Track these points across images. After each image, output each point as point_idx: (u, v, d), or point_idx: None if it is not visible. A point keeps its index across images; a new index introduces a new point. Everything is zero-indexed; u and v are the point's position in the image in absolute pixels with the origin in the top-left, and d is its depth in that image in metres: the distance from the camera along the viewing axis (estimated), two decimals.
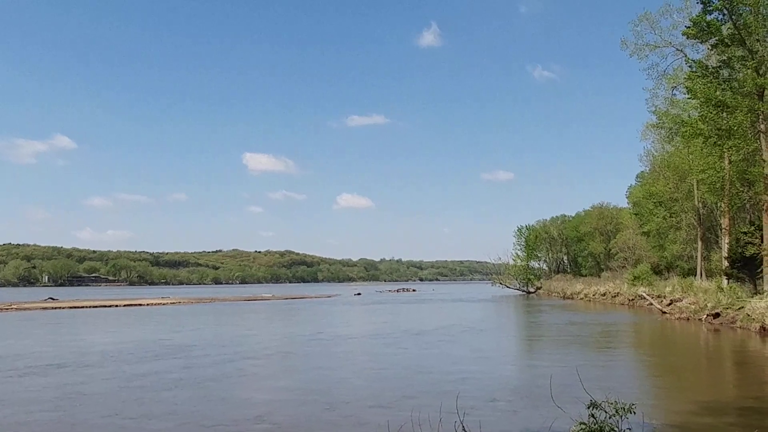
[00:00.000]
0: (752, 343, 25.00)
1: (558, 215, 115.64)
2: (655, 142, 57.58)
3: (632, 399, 13.00)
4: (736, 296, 33.69)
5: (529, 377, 17.62)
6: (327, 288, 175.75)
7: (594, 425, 3.52)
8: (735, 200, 41.45)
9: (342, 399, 14.50)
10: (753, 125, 33.37)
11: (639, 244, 71.94)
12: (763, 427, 10.20)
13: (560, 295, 78.10)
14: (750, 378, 17.57)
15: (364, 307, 62.40)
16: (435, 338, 28.27)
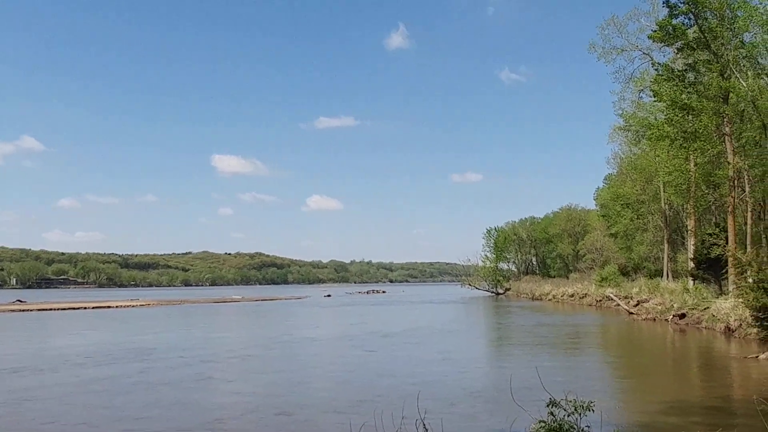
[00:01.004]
0: (717, 344, 25.23)
1: (527, 217, 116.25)
2: (622, 144, 58.12)
3: (598, 400, 12.94)
4: (702, 297, 34.05)
5: (494, 379, 17.43)
6: (297, 290, 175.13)
7: (553, 423, 3.35)
8: (700, 202, 41.94)
9: (298, 403, 14.18)
10: (718, 128, 33.75)
11: (607, 246, 72.62)
12: (727, 426, 10.12)
13: (529, 297, 78.58)
14: (715, 378, 17.64)
15: (333, 309, 62.08)
16: (402, 340, 28.05)
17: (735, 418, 11.61)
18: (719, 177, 36.17)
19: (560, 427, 3.39)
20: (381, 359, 21.96)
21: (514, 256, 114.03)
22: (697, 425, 10.81)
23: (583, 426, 3.45)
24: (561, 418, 3.45)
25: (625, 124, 48.87)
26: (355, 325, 39.28)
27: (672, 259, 50.95)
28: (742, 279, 24.65)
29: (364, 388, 15.89)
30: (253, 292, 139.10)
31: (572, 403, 3.46)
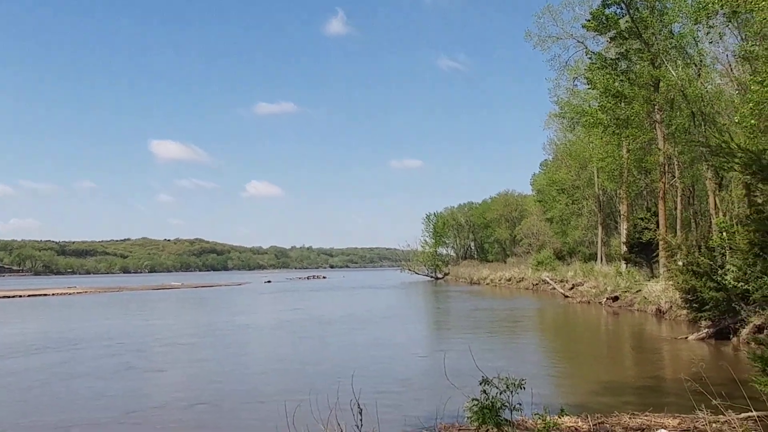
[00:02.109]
0: (649, 325, 26.09)
1: (465, 202, 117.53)
2: (557, 131, 59.24)
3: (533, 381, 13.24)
4: (634, 280, 35.10)
5: (430, 363, 17.45)
6: (237, 276, 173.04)
7: (486, 401, 3.43)
8: (633, 187, 43.16)
9: (229, 390, 14.02)
10: (649, 115, 34.74)
11: (543, 231, 74.03)
12: (658, 405, 10.49)
13: (467, 281, 79.58)
14: (646, 359, 18.23)
15: (273, 295, 61.61)
16: (340, 326, 28.00)
17: (665, 397, 12.02)
18: (650, 163, 37.32)
19: (492, 404, 3.47)
20: (317, 345, 21.86)
21: (453, 241, 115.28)
22: (628, 405, 11.14)
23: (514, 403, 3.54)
24: (493, 395, 3.53)
25: (560, 111, 49.77)
26: (293, 311, 39.01)
27: (605, 243, 52.38)
28: (672, 262, 25.52)
29: (299, 374, 15.81)
30: (192, 279, 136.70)
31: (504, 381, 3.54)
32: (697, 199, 40.12)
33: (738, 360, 15.98)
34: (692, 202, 39.54)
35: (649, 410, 10.38)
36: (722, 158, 2.34)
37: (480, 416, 3.42)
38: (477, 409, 3.44)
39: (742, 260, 17.86)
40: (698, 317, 21.11)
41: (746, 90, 21.81)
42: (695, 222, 39.24)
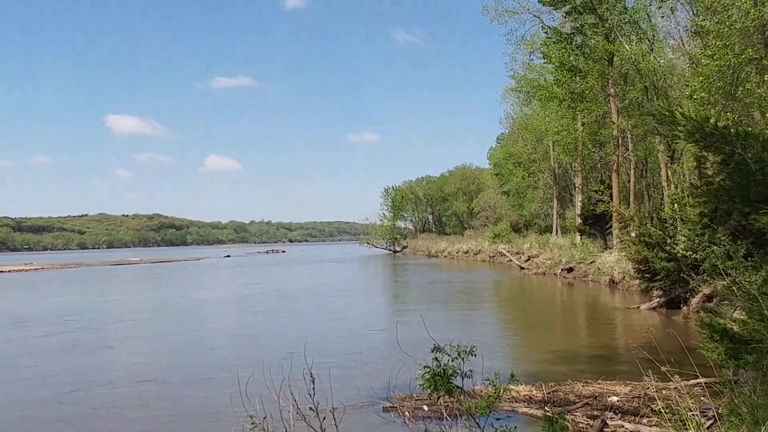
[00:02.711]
0: (602, 296, 26.65)
1: (423, 176, 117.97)
2: (514, 105, 59.51)
3: (489, 351, 13.48)
4: (588, 251, 35.74)
5: (386, 335, 17.36)
6: (196, 251, 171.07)
7: (437, 368, 3.46)
8: (587, 160, 43.72)
9: (182, 364, 13.93)
10: (603, 89, 35.13)
11: (499, 203, 74.69)
12: (610, 373, 10.76)
13: (425, 254, 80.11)
14: (600, 328, 18.64)
15: (232, 270, 61.12)
16: (297, 300, 27.92)
17: (617, 365, 12.32)
18: (604, 136, 37.81)
19: (444, 371, 3.50)
20: (273, 319, 21.78)
21: (411, 214, 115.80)
22: (582, 373, 11.39)
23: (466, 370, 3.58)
24: (445, 363, 3.57)
25: (517, 85, 50.09)
26: (251, 285, 38.77)
27: (561, 216, 53.13)
28: (625, 233, 26.06)
29: (253, 348, 15.69)
30: (151, 254, 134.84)
31: (455, 348, 3.58)
32: (650, 172, 40.91)
33: (688, 328, 16.43)
34: (645, 175, 40.29)
35: (602, 378, 10.64)
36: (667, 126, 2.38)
37: (432, 383, 3.44)
38: (429, 377, 3.46)
39: (692, 231, 18.30)
40: (650, 287, 21.60)
41: (697, 64, 22.17)
42: (648, 194, 40.05)
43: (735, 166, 2.30)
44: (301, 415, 3.89)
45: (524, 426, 8.20)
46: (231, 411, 4.17)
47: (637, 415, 8.60)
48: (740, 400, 6.37)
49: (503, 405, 9.58)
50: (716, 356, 6.49)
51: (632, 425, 8.37)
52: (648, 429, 7.93)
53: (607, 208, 33.94)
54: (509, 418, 8.82)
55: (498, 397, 3.53)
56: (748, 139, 2.27)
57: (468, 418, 3.70)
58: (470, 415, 3.58)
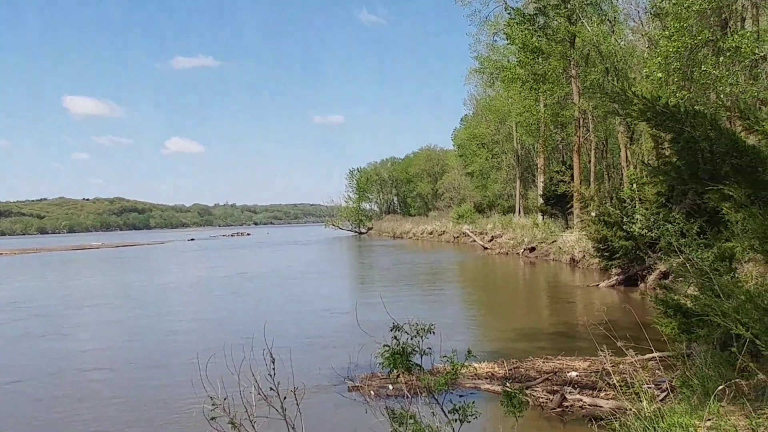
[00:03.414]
0: (563, 274, 27.08)
1: (388, 158, 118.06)
2: (477, 86, 59.74)
3: (452, 330, 13.65)
4: (550, 231, 36.23)
5: (350, 317, 17.42)
6: (160, 235, 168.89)
7: (397, 347, 3.52)
8: (549, 141, 44.19)
9: (126, 355, 13.56)
10: (565, 71, 35.45)
11: (463, 185, 75.14)
12: (569, 349, 10.98)
13: (390, 235, 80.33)
14: (560, 306, 18.97)
15: (196, 253, 60.62)
16: (261, 283, 27.75)
17: (577, 341, 12.54)
18: (566, 117, 38.25)
19: (403, 349, 3.56)
20: (236, 302, 21.65)
21: (376, 196, 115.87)
22: (543, 350, 11.60)
23: (430, 350, 3.64)
24: (404, 341, 3.62)
25: (480, 66, 50.25)
26: (215, 268, 38.54)
27: (523, 196, 53.70)
28: (586, 213, 26.49)
29: (215, 331, 15.52)
30: (113, 238, 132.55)
31: (414, 326, 3.64)
32: (610, 153, 41.55)
33: (644, 305, 16.78)
34: (605, 156, 40.92)
35: (562, 354, 10.86)
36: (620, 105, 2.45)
37: (391, 361, 3.49)
38: (388, 355, 3.51)
39: (649, 210, 18.67)
40: (609, 265, 22.03)
41: (656, 45, 22.50)
42: (608, 175, 40.70)
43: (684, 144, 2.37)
44: (262, 395, 3.91)
45: (486, 402, 8.34)
46: (193, 394, 4.16)
47: (594, 389, 8.81)
48: (692, 372, 6.57)
49: (466, 382, 9.73)
50: (670, 331, 6.68)
51: (590, 399, 8.58)
52: (605, 402, 8.14)
53: (568, 188, 34.38)
54: (472, 394, 8.97)
55: (456, 374, 3.59)
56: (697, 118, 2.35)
57: (428, 395, 3.76)
58: (430, 391, 3.64)
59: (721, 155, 2.33)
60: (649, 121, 2.54)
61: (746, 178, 2.31)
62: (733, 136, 2.33)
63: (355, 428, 4.78)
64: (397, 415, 3.69)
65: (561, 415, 8.42)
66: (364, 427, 4.18)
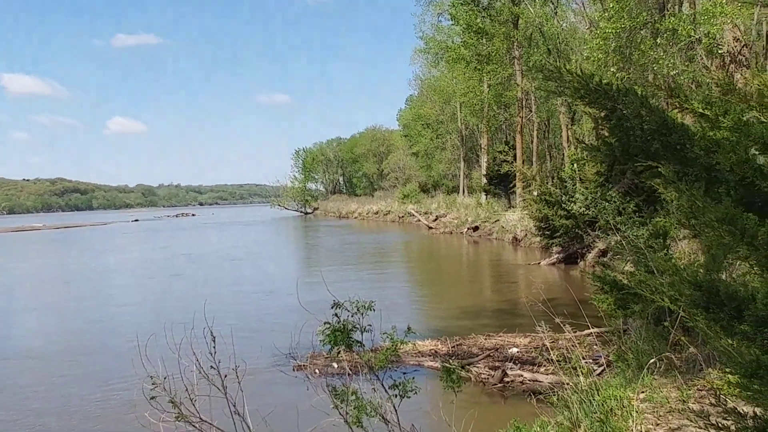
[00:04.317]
0: (505, 253, 27.51)
1: (334, 138, 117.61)
2: (422, 66, 59.80)
3: (397, 309, 13.76)
4: (493, 210, 36.73)
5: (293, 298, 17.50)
6: (103, 215, 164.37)
7: (337, 324, 3.53)
8: (493, 122, 44.65)
9: (58, 342, 13.14)
10: (509, 51, 35.79)
11: (409, 165, 75.43)
12: (510, 326, 11.18)
13: (336, 215, 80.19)
14: (503, 284, 19.30)
15: (140, 234, 59.37)
16: (204, 264, 27.40)
17: (518, 318, 12.77)
18: (509, 98, 38.66)
19: (344, 327, 3.57)
20: (179, 284, 21.30)
21: (322, 176, 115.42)
22: (485, 327, 11.79)
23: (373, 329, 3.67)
24: (345, 318, 3.64)
25: (425, 46, 50.29)
26: (158, 249, 37.81)
27: (467, 176, 54.21)
28: (528, 192, 26.92)
29: (157, 312, 15.17)
30: (55, 220, 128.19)
31: (354, 304, 3.66)
32: (552, 133, 42.25)
33: (584, 282, 17.21)
34: (547, 136, 41.61)
35: (503, 331, 11.06)
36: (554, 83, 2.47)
37: (332, 338, 3.50)
38: (329, 332, 3.51)
39: (589, 189, 19.10)
40: (550, 244, 22.47)
41: (596, 27, 22.91)
42: (550, 155, 41.42)
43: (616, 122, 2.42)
44: (203, 374, 3.87)
45: (428, 379, 8.44)
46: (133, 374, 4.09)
47: (535, 364, 9.03)
48: (627, 347, 6.78)
49: (409, 360, 9.84)
50: (606, 307, 6.85)
51: (530, 374, 8.78)
52: (545, 377, 8.34)
53: (510, 168, 34.84)
54: (415, 371, 9.06)
55: (395, 350, 3.62)
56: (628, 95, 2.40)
57: (369, 372, 3.78)
58: (370, 368, 3.66)
59: (652, 133, 2.38)
60: (583, 98, 2.57)
61: (675, 155, 2.37)
62: (662, 114, 2.38)
63: (297, 405, 4.78)
64: (339, 392, 3.70)
65: (502, 391, 8.59)
66: (306, 405, 4.19)
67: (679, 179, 2.39)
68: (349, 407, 3.62)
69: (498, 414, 7.42)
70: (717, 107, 2.54)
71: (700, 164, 2.37)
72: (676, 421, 4.73)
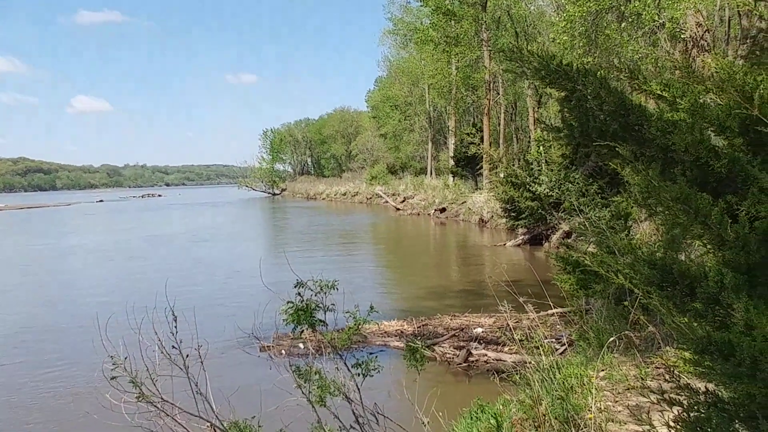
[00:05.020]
0: (472, 234, 27.71)
1: (302, 119, 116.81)
2: (391, 48, 59.62)
3: (364, 290, 13.80)
4: (460, 192, 36.92)
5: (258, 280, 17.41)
6: (67, 196, 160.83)
7: (300, 303, 3.54)
8: (460, 104, 44.76)
9: (19, 323, 13.00)
10: (477, 34, 35.83)
11: (377, 146, 75.31)
12: (475, 306, 11.29)
13: (304, 196, 79.89)
14: (469, 265, 19.45)
15: (104, 215, 58.43)
16: (169, 245, 27.12)
17: (483, 299, 12.90)
18: (477, 80, 38.75)
19: (307, 306, 3.58)
20: (143, 265, 21.01)
21: (290, 157, 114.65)
22: (451, 308, 11.90)
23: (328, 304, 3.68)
24: (308, 298, 3.64)
25: (394, 27, 50.07)
26: (123, 231, 37.23)
27: (435, 158, 54.33)
28: (494, 174, 27.08)
29: (120, 293, 14.93)
30: (17, 200, 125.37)
31: (317, 283, 3.66)
32: (519, 116, 42.45)
33: (548, 263, 17.43)
34: (514, 118, 41.81)
35: (469, 311, 11.18)
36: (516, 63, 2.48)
37: (295, 318, 3.50)
38: (292, 312, 3.51)
39: (554, 172, 19.29)
40: (515, 225, 22.69)
41: (563, 10, 23.02)
42: (516, 137, 41.67)
43: (576, 102, 2.44)
44: (165, 354, 3.84)
45: (394, 358, 8.51)
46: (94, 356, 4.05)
47: (499, 344, 9.15)
48: (588, 326, 6.90)
49: (376, 340, 9.90)
50: (569, 287, 6.96)
51: (494, 353, 8.90)
52: (508, 356, 8.46)
53: (478, 150, 34.99)
54: (381, 352, 9.13)
55: (358, 329, 3.64)
56: (587, 77, 2.42)
57: (333, 351, 3.79)
58: (334, 347, 3.67)
59: (610, 114, 2.41)
60: (544, 79, 2.58)
61: (633, 136, 2.40)
62: (621, 96, 2.41)
63: (260, 385, 4.78)
64: (302, 372, 3.71)
65: (467, 370, 8.70)
66: (269, 385, 4.19)
67: (637, 159, 2.42)
68: (313, 387, 3.63)
69: (462, 392, 7.52)
70: (675, 89, 2.58)
71: (656, 145, 2.41)
72: (634, 398, 4.84)
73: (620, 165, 2.57)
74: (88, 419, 5.58)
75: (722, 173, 2.30)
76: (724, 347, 1.96)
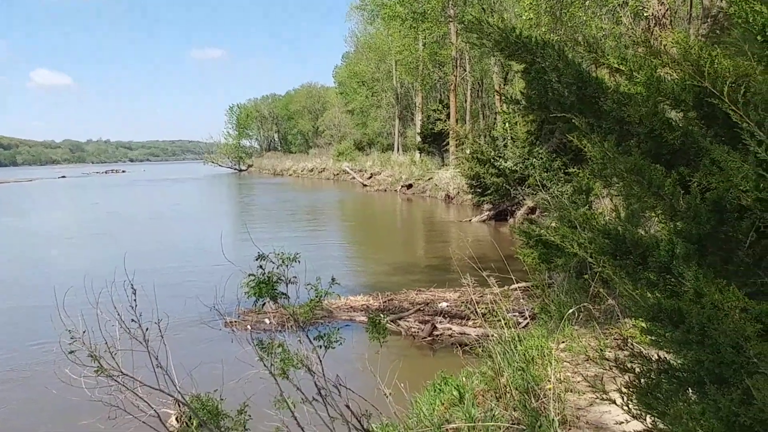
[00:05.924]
0: (438, 210, 27.85)
1: (269, 94, 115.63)
2: (359, 23, 59.14)
3: (330, 266, 13.79)
4: (427, 168, 37.03)
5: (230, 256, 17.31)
6: (27, 171, 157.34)
7: (262, 276, 3.54)
8: (427, 80, 44.71)
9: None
10: (444, 10, 35.72)
11: (344, 122, 75.03)
12: (441, 281, 11.40)
13: (271, 172, 79.37)
14: (435, 241, 19.57)
15: (66, 191, 57.33)
16: (130, 224, 26.64)
17: (449, 274, 12.97)
18: (444, 57, 38.69)
19: (269, 278, 3.57)
20: (104, 244, 20.54)
21: (257, 133, 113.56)
22: (416, 283, 12.00)
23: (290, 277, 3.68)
24: (269, 270, 3.64)
25: (361, 3, 49.62)
26: (84, 208, 36.65)
27: (402, 134, 54.29)
28: (460, 150, 27.18)
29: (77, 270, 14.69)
30: None
31: (279, 256, 3.66)
32: (486, 93, 42.54)
33: (513, 239, 17.60)
34: (481, 95, 41.89)
35: (434, 286, 11.28)
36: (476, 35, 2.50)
37: (257, 290, 3.49)
38: (254, 284, 3.50)
39: (520, 148, 19.43)
40: (481, 201, 22.85)
41: None
42: (483, 114, 41.78)
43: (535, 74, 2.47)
44: (124, 328, 3.81)
45: (358, 333, 8.55)
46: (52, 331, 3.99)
47: (463, 318, 9.25)
48: (550, 299, 7.01)
49: (342, 315, 9.94)
50: (531, 261, 7.05)
51: (459, 327, 9.00)
52: (473, 330, 8.57)
53: (444, 126, 35.05)
54: (347, 326, 9.17)
55: (319, 301, 3.64)
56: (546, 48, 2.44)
57: (295, 324, 3.79)
58: (296, 320, 3.68)
59: (568, 86, 2.43)
60: (503, 51, 2.59)
61: (589, 108, 2.43)
62: (578, 68, 2.43)
63: (223, 359, 4.78)
64: (265, 346, 3.71)
65: (431, 344, 8.79)
66: (231, 359, 4.19)
67: (593, 131, 2.45)
68: (275, 360, 3.64)
69: (427, 366, 7.60)
70: (632, 63, 2.61)
71: (612, 117, 2.44)
72: (593, 369, 4.95)
73: (578, 138, 2.60)
74: (47, 394, 5.52)
75: (676, 145, 2.34)
76: (674, 315, 2.01)
